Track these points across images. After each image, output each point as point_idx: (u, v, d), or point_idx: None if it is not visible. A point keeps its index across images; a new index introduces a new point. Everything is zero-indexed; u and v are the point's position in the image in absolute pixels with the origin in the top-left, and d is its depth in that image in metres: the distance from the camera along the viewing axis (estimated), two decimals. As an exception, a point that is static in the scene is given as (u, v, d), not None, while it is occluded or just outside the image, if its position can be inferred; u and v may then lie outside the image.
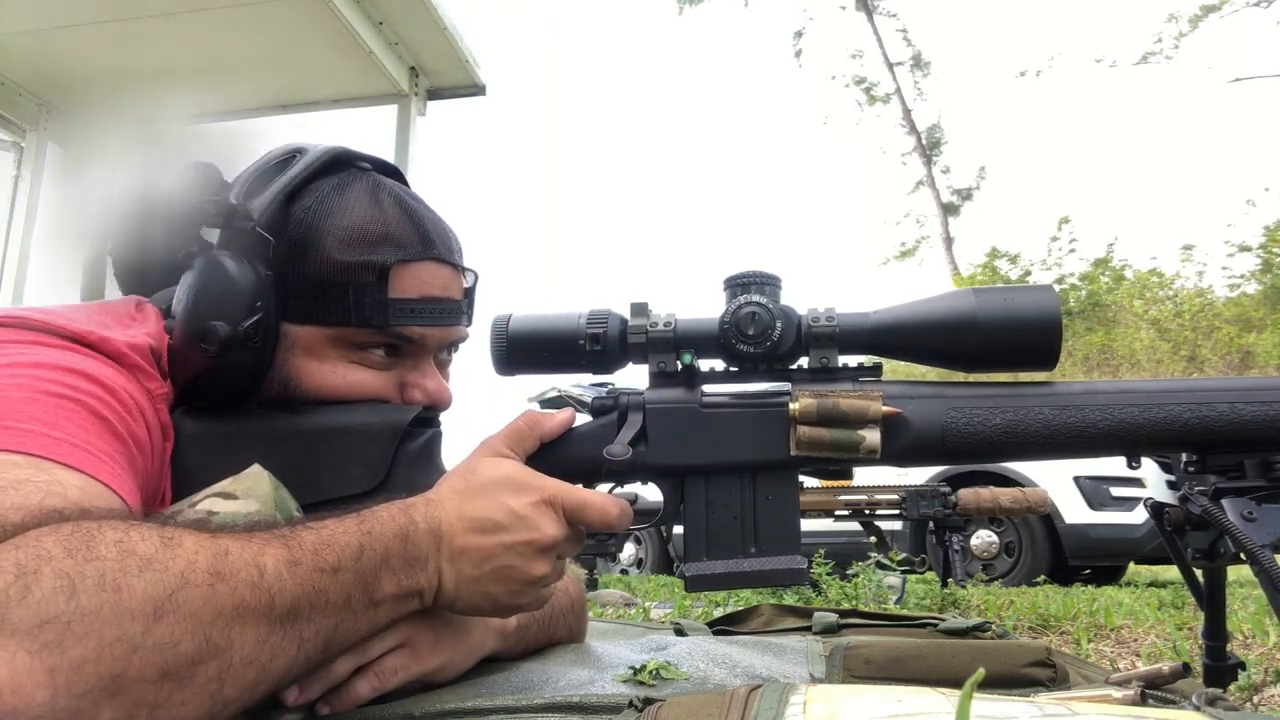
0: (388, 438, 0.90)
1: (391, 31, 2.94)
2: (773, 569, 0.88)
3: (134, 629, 0.53)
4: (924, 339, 0.88)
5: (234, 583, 0.59)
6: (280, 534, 0.66)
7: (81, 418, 0.73)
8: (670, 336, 0.90)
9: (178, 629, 0.55)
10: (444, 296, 0.96)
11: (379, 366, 0.95)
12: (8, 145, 3.34)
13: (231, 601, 0.58)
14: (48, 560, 0.52)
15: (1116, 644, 2.05)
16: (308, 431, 0.90)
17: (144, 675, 0.53)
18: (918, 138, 19.44)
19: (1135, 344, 13.59)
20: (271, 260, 0.92)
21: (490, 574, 0.77)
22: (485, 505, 0.77)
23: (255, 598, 0.60)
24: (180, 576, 0.56)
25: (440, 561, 0.75)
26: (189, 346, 0.89)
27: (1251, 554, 0.81)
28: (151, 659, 0.54)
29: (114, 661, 0.52)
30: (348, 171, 0.98)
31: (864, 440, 0.86)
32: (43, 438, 0.69)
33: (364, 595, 0.69)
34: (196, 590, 0.57)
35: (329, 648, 0.68)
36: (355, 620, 0.69)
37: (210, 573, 0.58)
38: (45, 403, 0.72)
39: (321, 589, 0.65)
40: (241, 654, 0.59)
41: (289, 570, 0.63)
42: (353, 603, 0.68)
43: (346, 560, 0.68)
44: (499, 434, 0.86)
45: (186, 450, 0.89)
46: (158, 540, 0.57)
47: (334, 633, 0.67)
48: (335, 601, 0.66)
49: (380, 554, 0.70)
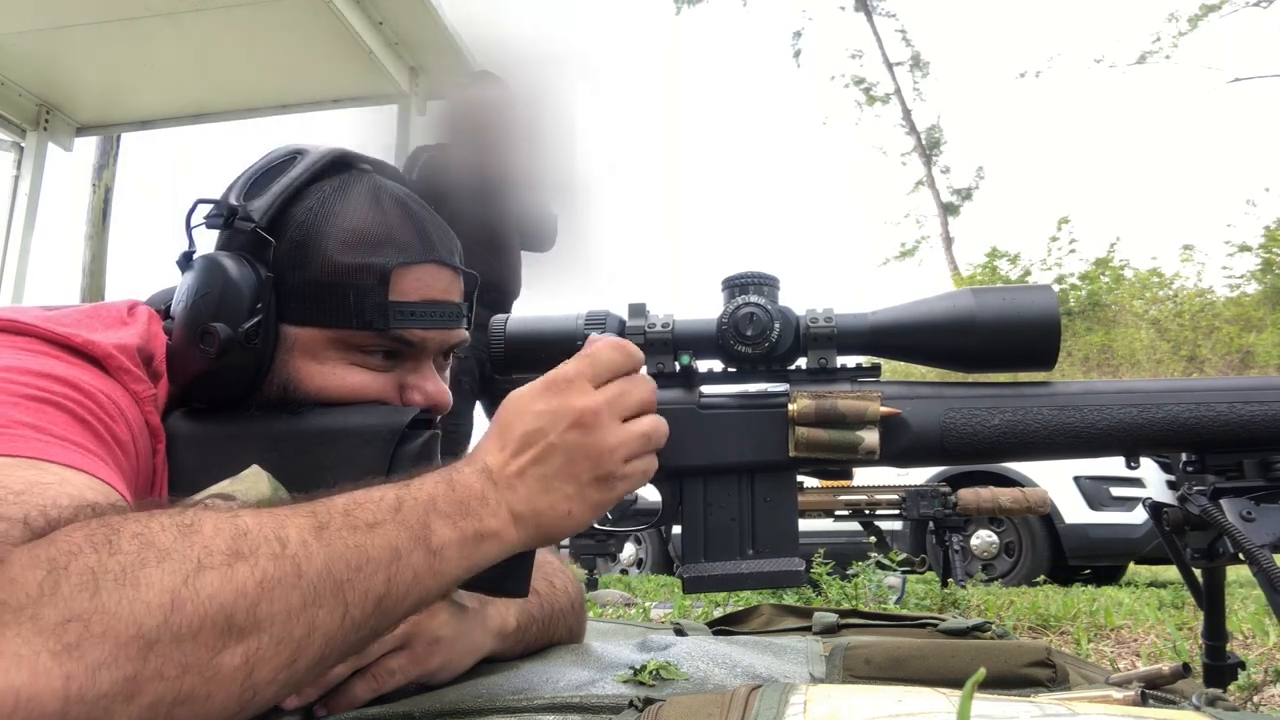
0: (385, 439, 0.89)
1: (391, 31, 2.94)
2: (771, 571, 0.87)
3: (150, 623, 0.51)
4: (922, 339, 0.88)
5: (254, 560, 0.56)
6: (308, 504, 0.64)
7: (63, 420, 0.72)
8: (668, 337, 0.90)
9: (196, 616, 0.53)
10: (445, 299, 0.96)
11: (379, 369, 0.94)
12: (8, 145, 3.34)
13: (253, 578, 0.56)
14: (75, 555, 0.52)
15: (1116, 644, 2.05)
16: (306, 433, 0.90)
17: (161, 673, 0.51)
18: (917, 138, 19.45)
19: (1135, 344, 13.59)
20: (272, 262, 0.91)
21: (563, 473, 0.75)
22: (519, 426, 0.76)
23: (279, 570, 0.57)
24: (196, 561, 0.54)
25: (501, 494, 0.73)
26: (189, 348, 0.88)
27: (1250, 554, 0.81)
28: (170, 654, 0.52)
29: (129, 662, 0.50)
30: (349, 173, 0.98)
31: (863, 441, 0.86)
32: (33, 440, 0.68)
33: (415, 545, 0.66)
34: (213, 574, 0.54)
35: (385, 608, 0.64)
36: (414, 574, 0.65)
37: (228, 554, 0.56)
38: (26, 406, 0.71)
39: (358, 547, 0.62)
40: (272, 633, 0.56)
41: (315, 536, 0.60)
42: (402, 556, 0.64)
43: (384, 514, 0.65)
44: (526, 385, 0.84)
45: (184, 452, 0.88)
46: (176, 530, 0.56)
47: (386, 591, 0.63)
48: (379, 558, 0.63)
49: (424, 502, 0.68)
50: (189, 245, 0.95)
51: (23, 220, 3.28)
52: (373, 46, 2.89)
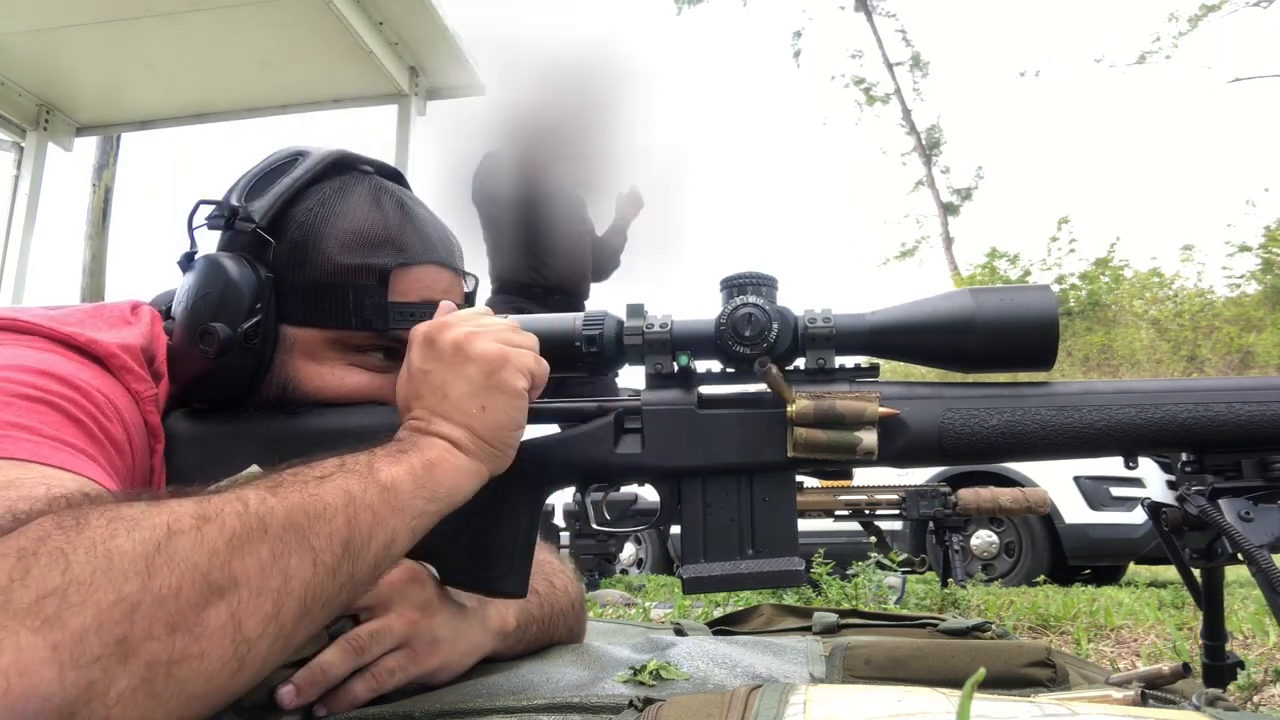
0: (383, 440, 0.90)
1: (391, 31, 2.94)
2: (770, 571, 0.87)
3: (130, 588, 0.52)
4: (921, 340, 0.88)
5: (220, 520, 0.58)
6: (260, 476, 0.67)
7: (55, 419, 0.73)
8: (667, 338, 0.90)
9: (174, 577, 0.54)
10: (444, 300, 0.97)
11: (378, 369, 0.95)
12: (8, 145, 3.34)
13: (222, 537, 0.58)
14: (44, 540, 0.53)
15: (1116, 644, 2.05)
16: (304, 434, 0.90)
17: (151, 633, 0.52)
18: (917, 138, 19.44)
19: (1135, 344, 13.59)
20: (272, 262, 0.92)
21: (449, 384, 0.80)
22: (409, 376, 0.83)
23: (245, 525, 0.59)
24: (165, 527, 0.56)
25: (428, 429, 0.79)
26: (188, 348, 0.89)
27: (1248, 554, 0.81)
28: (155, 614, 0.53)
29: (115, 625, 0.51)
30: (350, 175, 0.98)
31: (861, 441, 0.86)
32: (22, 441, 0.68)
33: (366, 486, 0.68)
34: (184, 536, 0.56)
35: (354, 551, 0.66)
36: (372, 513, 0.68)
37: (195, 517, 0.58)
38: (18, 406, 0.71)
39: (312, 495, 0.65)
40: (250, 585, 0.58)
41: (272, 493, 0.63)
42: (356, 497, 0.67)
43: (330, 469, 0.68)
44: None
45: (183, 452, 0.88)
46: (144, 504, 0.58)
47: (350, 533, 0.66)
48: (334, 503, 0.65)
49: (364, 456, 0.72)
50: (190, 246, 0.95)
51: (23, 220, 3.28)
52: (373, 46, 2.89)
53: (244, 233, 0.92)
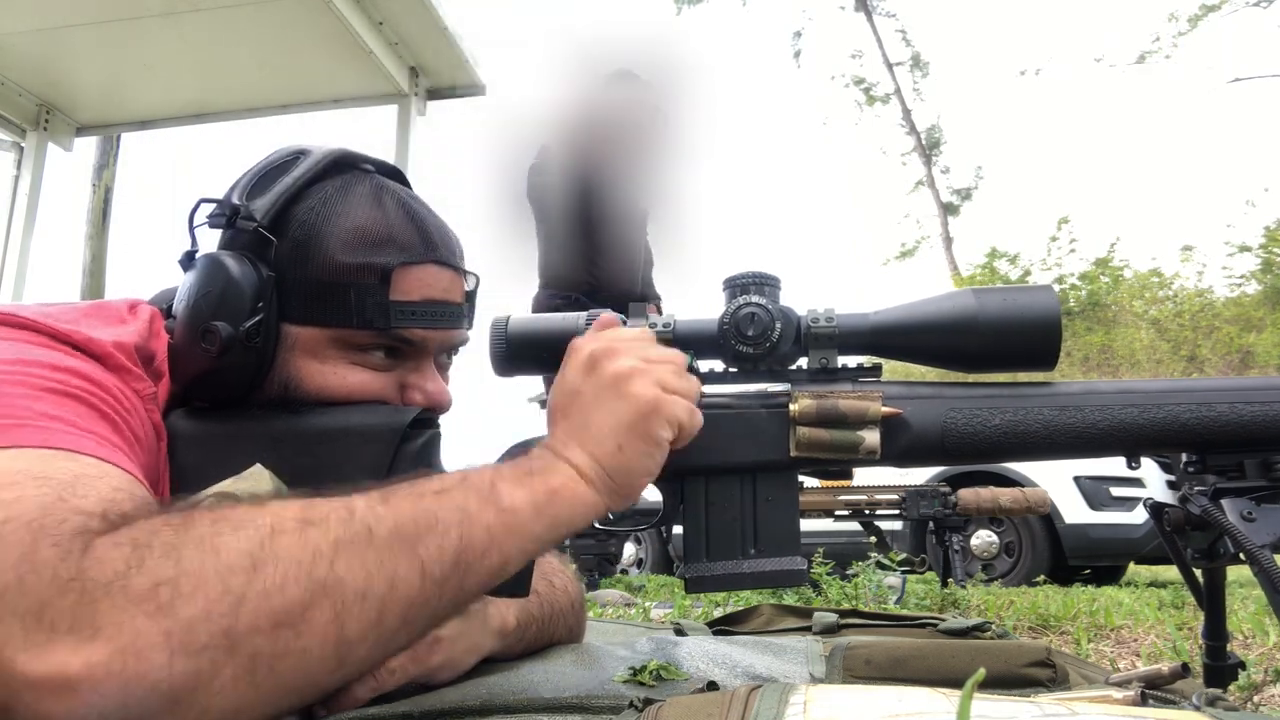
0: (387, 439, 0.89)
1: (391, 31, 2.94)
2: (772, 570, 0.87)
3: (236, 581, 0.54)
4: (924, 339, 0.88)
5: (325, 525, 0.59)
6: (371, 486, 0.66)
7: (85, 413, 0.72)
8: (669, 337, 0.90)
9: (278, 574, 0.56)
10: (445, 299, 0.97)
11: (379, 368, 0.95)
12: (8, 145, 3.34)
13: (326, 540, 0.59)
14: (156, 533, 0.55)
15: (1116, 644, 2.05)
16: (307, 433, 0.90)
17: (256, 626, 0.54)
18: (917, 138, 19.45)
19: (1135, 344, 13.59)
20: (273, 261, 0.92)
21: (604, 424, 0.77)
22: (560, 400, 0.80)
23: (350, 532, 0.60)
24: (270, 527, 0.58)
25: (562, 456, 0.76)
26: (190, 346, 0.89)
27: (1251, 554, 0.81)
28: (260, 608, 0.54)
29: (222, 617, 0.53)
30: (351, 174, 0.98)
31: (864, 441, 0.86)
32: (62, 433, 0.68)
33: (484, 505, 0.68)
34: (287, 536, 0.58)
35: (464, 564, 0.65)
36: (487, 532, 0.67)
37: (299, 520, 0.59)
38: (48, 399, 0.71)
39: (426, 509, 0.64)
40: (353, 587, 0.58)
41: (382, 503, 0.63)
42: (473, 515, 0.66)
43: (449, 483, 0.68)
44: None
45: (186, 451, 0.88)
46: (246, 505, 0.60)
47: (461, 547, 0.65)
48: (448, 518, 0.65)
49: (488, 473, 0.71)
50: (191, 244, 0.95)
51: (23, 220, 3.28)
52: (373, 46, 2.88)
53: (245, 231, 0.92)
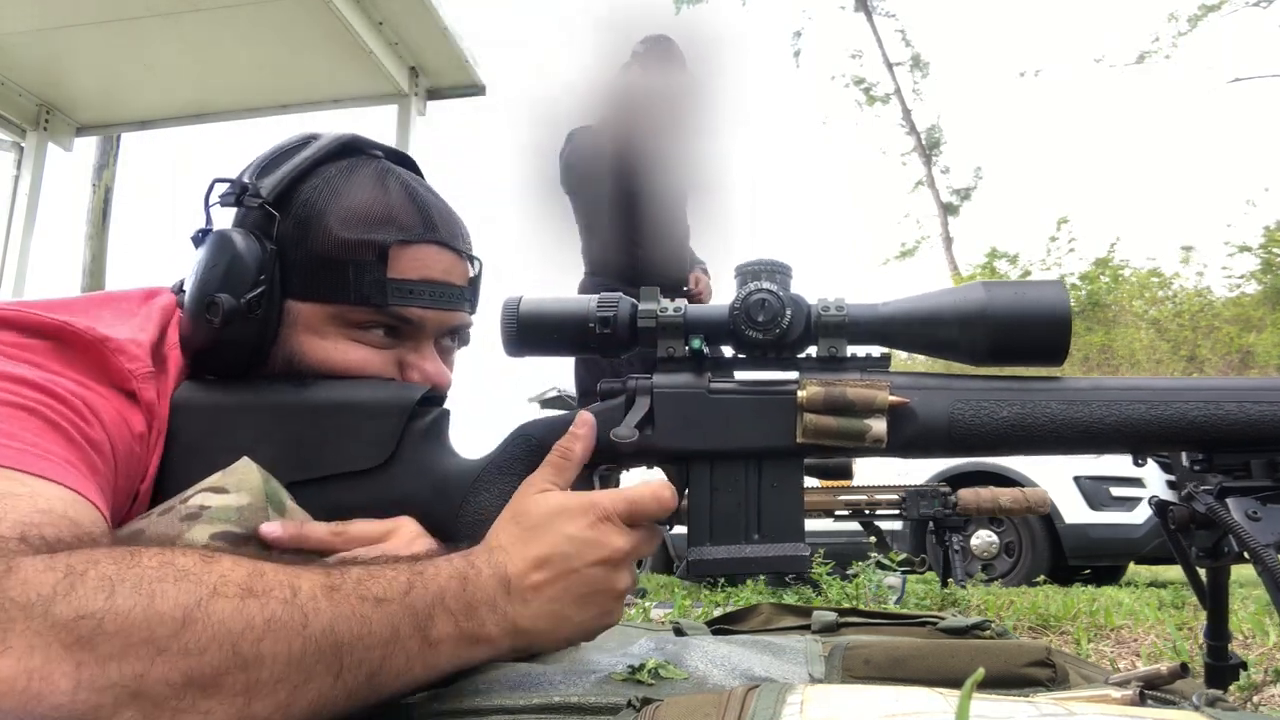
0: (395, 415, 0.90)
1: (391, 31, 2.94)
2: (775, 555, 0.87)
3: (162, 632, 0.54)
4: (933, 331, 0.88)
5: (265, 599, 0.59)
6: (324, 564, 0.67)
7: (36, 425, 0.72)
8: (680, 321, 0.90)
9: (204, 636, 0.55)
10: (444, 280, 0.97)
11: (379, 346, 0.96)
12: (8, 145, 3.34)
13: (262, 616, 0.58)
14: (95, 564, 0.55)
15: (1116, 644, 2.05)
16: (315, 405, 0.91)
17: (167, 679, 0.54)
18: (917, 138, 19.45)
19: (1135, 344, 13.59)
20: (277, 236, 0.93)
21: (575, 602, 0.77)
22: (548, 540, 0.77)
23: (288, 615, 0.59)
24: (212, 588, 0.57)
25: (511, 606, 0.75)
26: (195, 319, 0.90)
27: (1255, 554, 0.80)
28: (176, 664, 0.54)
29: (138, 661, 0.53)
30: (358, 157, 1.00)
31: (870, 429, 0.86)
32: (4, 449, 0.68)
33: (415, 632, 0.67)
34: (227, 602, 0.57)
35: (375, 684, 0.65)
36: (407, 659, 0.67)
37: (243, 587, 0.59)
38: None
39: (363, 617, 0.64)
40: (272, 671, 0.58)
41: (325, 594, 0.62)
42: (401, 638, 0.66)
43: (393, 593, 0.66)
44: (538, 473, 0.85)
45: (191, 423, 0.89)
46: (197, 557, 0.59)
47: (380, 667, 0.65)
48: (379, 634, 0.64)
49: (433, 593, 0.69)
50: (206, 222, 0.97)
51: (23, 220, 3.28)
52: (373, 46, 2.88)
53: (253, 209, 0.94)
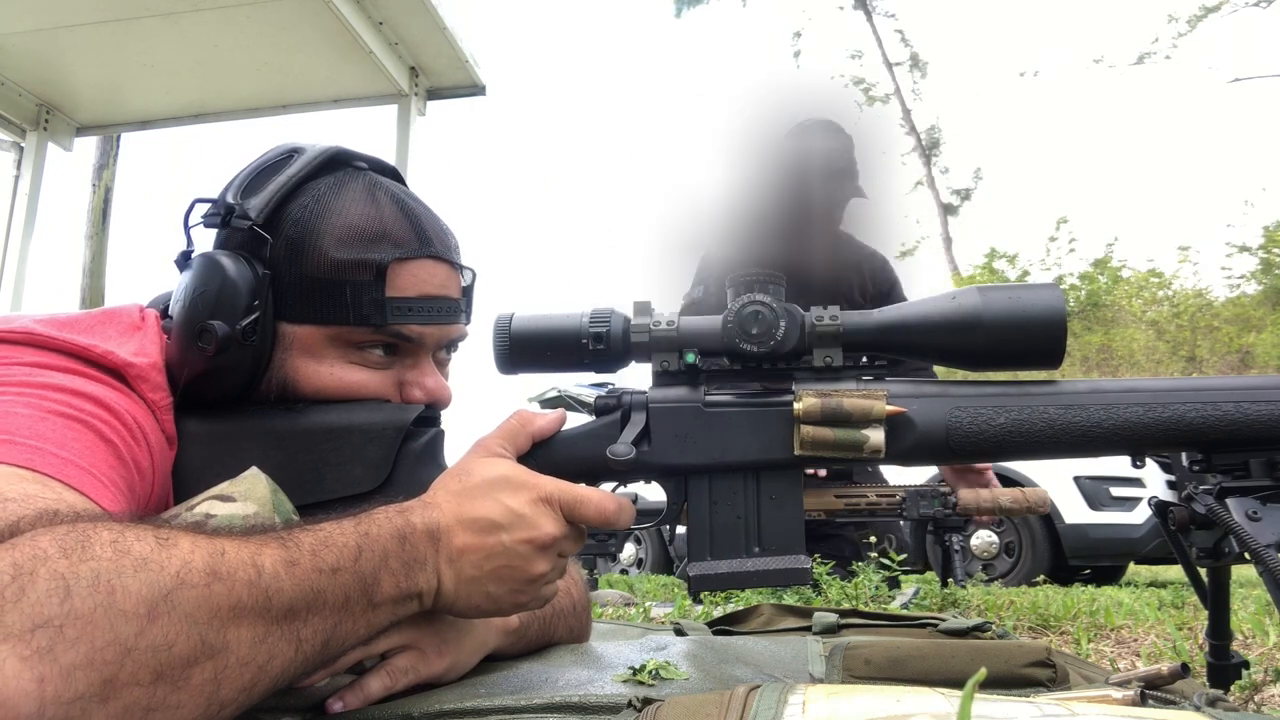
0: (390, 437, 0.90)
1: (391, 31, 2.94)
2: (777, 569, 0.87)
3: (127, 631, 0.52)
4: (928, 338, 0.88)
5: (231, 582, 0.58)
6: (277, 535, 0.66)
7: (89, 441, 0.74)
8: (673, 335, 0.90)
9: (172, 630, 0.54)
10: (442, 295, 0.96)
11: (377, 366, 0.95)
12: (8, 145, 3.34)
13: (228, 601, 0.58)
14: (43, 561, 0.51)
15: (1116, 644, 2.05)
16: (310, 431, 0.90)
17: (136, 679, 0.52)
18: (917, 138, 19.44)
19: (1134, 344, 13.59)
20: (268, 259, 0.92)
21: (490, 573, 0.77)
22: (483, 505, 0.77)
23: (252, 597, 0.59)
24: (176, 576, 0.55)
25: (439, 563, 0.75)
26: (187, 346, 0.89)
27: (1256, 554, 0.81)
28: (145, 662, 0.52)
29: (105, 666, 0.51)
30: (345, 171, 0.98)
31: (868, 440, 0.85)
32: (52, 457, 0.70)
33: (363, 597, 0.69)
34: (193, 591, 0.56)
35: (327, 649, 0.67)
36: (354, 622, 0.68)
37: (207, 572, 0.57)
38: (54, 423, 0.72)
39: (320, 589, 0.65)
40: (238, 655, 0.58)
41: (286, 570, 0.63)
42: (351, 604, 0.68)
43: (345, 561, 0.67)
44: (492, 434, 0.86)
45: (188, 451, 0.88)
46: (153, 540, 0.56)
47: (332, 634, 0.66)
48: (333, 602, 0.66)
49: (378, 555, 0.70)
50: (187, 244, 0.95)
51: (23, 220, 3.28)
52: (373, 46, 2.88)
53: (240, 230, 0.92)
